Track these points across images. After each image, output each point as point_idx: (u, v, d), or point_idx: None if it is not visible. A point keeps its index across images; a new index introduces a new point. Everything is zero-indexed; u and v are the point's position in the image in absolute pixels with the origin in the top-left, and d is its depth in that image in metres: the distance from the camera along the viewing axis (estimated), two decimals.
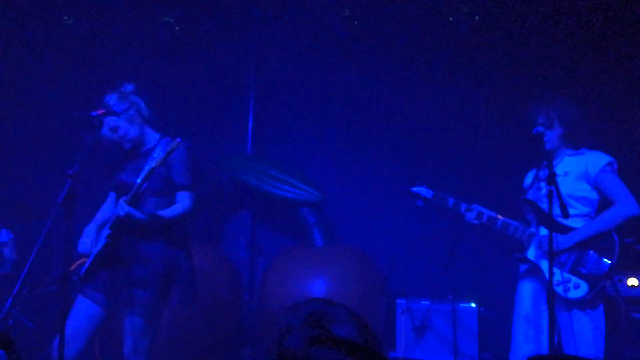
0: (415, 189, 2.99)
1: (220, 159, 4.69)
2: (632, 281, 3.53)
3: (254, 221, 4.98)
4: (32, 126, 4.56)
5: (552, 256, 2.53)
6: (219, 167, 4.65)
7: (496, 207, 2.88)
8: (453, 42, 4.29)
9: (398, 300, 4.18)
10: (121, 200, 2.56)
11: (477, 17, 4.13)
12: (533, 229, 2.78)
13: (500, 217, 2.81)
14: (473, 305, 4.06)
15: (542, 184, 2.75)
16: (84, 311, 2.60)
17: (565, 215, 2.57)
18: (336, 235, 4.71)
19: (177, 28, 4.59)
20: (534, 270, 2.77)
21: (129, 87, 2.75)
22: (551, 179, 2.55)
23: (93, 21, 4.55)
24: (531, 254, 2.76)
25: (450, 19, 4.18)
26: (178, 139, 2.55)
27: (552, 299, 2.50)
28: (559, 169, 2.75)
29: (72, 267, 2.63)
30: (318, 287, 4.27)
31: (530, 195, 2.84)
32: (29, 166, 4.44)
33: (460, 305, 4.02)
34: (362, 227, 4.72)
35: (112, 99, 2.70)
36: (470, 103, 4.44)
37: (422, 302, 4.15)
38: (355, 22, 4.44)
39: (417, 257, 4.53)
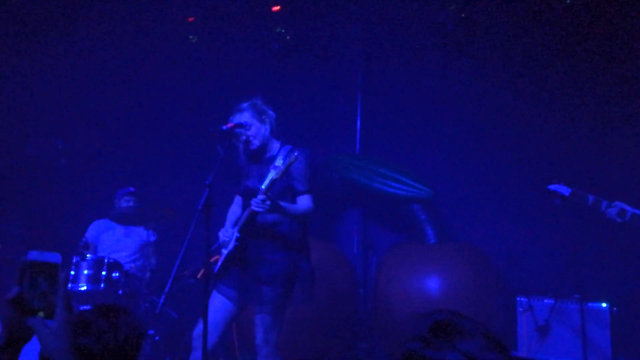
0: (552, 186, 2.82)
1: (331, 159, 4.78)
2: None
3: (366, 218, 4.99)
4: (174, 140, 5.01)
5: None
6: (330, 167, 4.75)
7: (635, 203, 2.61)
8: (572, 27, 3.92)
9: (518, 298, 3.93)
10: (252, 202, 2.69)
11: None
12: None
13: None
14: (604, 305, 3.70)
15: None
16: (219, 305, 2.78)
17: None
18: (450, 232, 4.57)
19: (287, 37, 4.77)
20: None
21: (259, 99, 2.94)
22: None
23: (214, 39, 4.89)
24: None
25: (568, 1, 3.82)
26: (296, 152, 2.65)
27: None
28: None
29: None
30: (432, 284, 4.17)
31: None
32: (173, 174, 4.88)
33: (589, 304, 3.69)
34: (477, 223, 4.52)
35: (244, 104, 2.89)
36: (592, 94, 4.02)
37: (545, 301, 3.87)
38: (462, 15, 4.26)
39: (538, 254, 4.23)
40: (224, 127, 2.73)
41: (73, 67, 4.87)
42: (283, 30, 4.72)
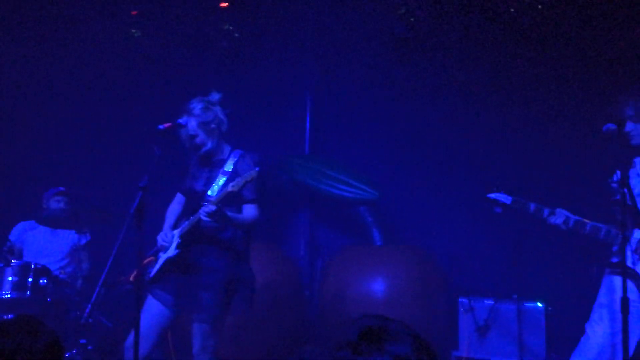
0: (492, 195, 2.77)
1: (280, 160, 4.68)
2: None
3: (313, 220, 4.92)
4: (108, 138, 4.71)
5: (624, 269, 2.29)
6: (279, 168, 4.64)
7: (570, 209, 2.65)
8: (517, 34, 4.00)
9: (460, 299, 3.99)
10: (201, 212, 2.55)
11: (540, 6, 3.81)
12: (627, 232, 2.51)
13: (587, 220, 2.58)
14: (540, 304, 3.81)
15: (634, 182, 2.52)
16: (154, 311, 2.63)
17: (635, 224, 2.33)
18: (396, 234, 4.57)
19: (236, 35, 4.61)
20: (631, 276, 2.50)
21: (216, 97, 2.74)
22: (623, 182, 2.30)
23: (159, 34, 4.64)
24: (629, 259, 2.48)
25: (512, 9, 3.89)
26: (257, 168, 2.52)
27: (626, 308, 2.27)
28: None
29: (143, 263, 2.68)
30: (377, 286, 4.15)
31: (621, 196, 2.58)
32: (109, 175, 4.56)
33: (526, 304, 3.78)
34: (422, 226, 4.54)
35: (197, 108, 2.68)
36: (539, 99, 4.12)
37: (485, 301, 3.94)
38: (412, 19, 4.26)
39: (480, 256, 4.30)
40: (161, 127, 2.55)
41: None
42: (231, 28, 4.56)
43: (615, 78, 3.74)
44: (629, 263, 2.48)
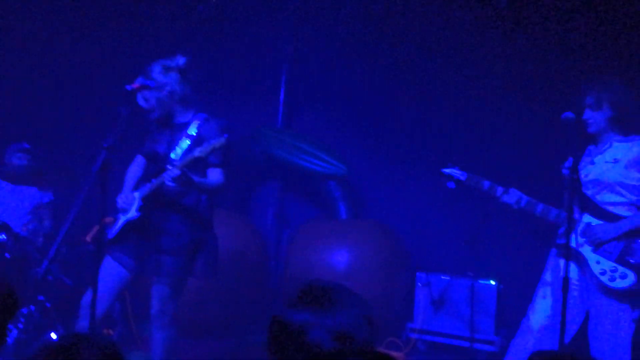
0: (447, 170, 2.80)
1: (252, 131, 4.65)
2: None
3: (283, 192, 4.93)
4: (76, 96, 4.56)
5: (568, 251, 2.36)
6: (251, 140, 4.61)
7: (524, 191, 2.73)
8: (492, 20, 4.03)
9: (418, 274, 4.12)
10: (165, 175, 2.52)
11: None
12: (576, 215, 2.59)
13: (538, 202, 2.67)
14: (492, 282, 3.96)
15: (587, 170, 2.61)
16: (113, 272, 2.62)
17: (583, 209, 2.43)
18: (361, 210, 4.64)
19: (214, 0, 4.49)
20: (575, 257, 2.59)
21: (179, 62, 2.64)
22: (574, 168, 2.39)
23: None
24: (573, 241, 2.52)
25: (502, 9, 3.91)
26: (225, 135, 2.48)
27: (566, 287, 2.32)
28: (607, 155, 2.60)
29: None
30: (340, 258, 4.23)
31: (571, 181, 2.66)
32: (77, 133, 4.43)
33: (480, 281, 3.92)
34: (387, 202, 4.62)
35: (154, 70, 2.62)
36: (507, 84, 4.18)
37: (442, 277, 4.08)
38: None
39: (441, 233, 4.41)
40: (129, 87, 2.48)
41: None
42: None
43: (579, 65, 3.83)
44: (572, 244, 2.57)
